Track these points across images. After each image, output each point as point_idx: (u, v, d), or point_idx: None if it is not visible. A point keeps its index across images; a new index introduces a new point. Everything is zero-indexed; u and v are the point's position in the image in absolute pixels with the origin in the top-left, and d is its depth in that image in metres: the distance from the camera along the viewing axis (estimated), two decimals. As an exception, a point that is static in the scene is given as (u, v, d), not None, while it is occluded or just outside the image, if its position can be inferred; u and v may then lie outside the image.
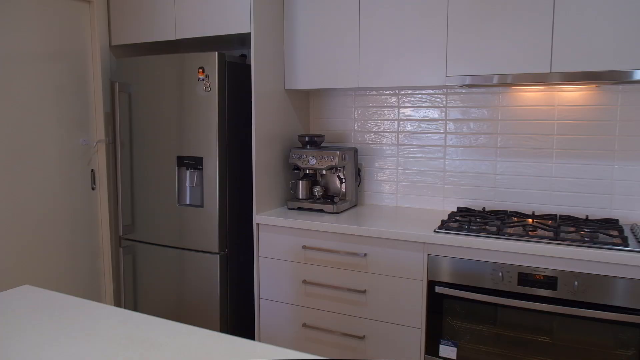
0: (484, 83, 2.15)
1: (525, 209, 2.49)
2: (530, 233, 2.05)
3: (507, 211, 2.46)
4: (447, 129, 2.63)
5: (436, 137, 2.66)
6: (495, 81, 2.11)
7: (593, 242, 1.90)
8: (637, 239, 1.97)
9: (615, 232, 2.09)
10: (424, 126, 2.68)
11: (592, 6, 2.00)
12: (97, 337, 1.15)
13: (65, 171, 2.71)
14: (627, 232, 2.09)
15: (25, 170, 2.50)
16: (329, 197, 2.71)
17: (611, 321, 1.85)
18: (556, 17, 2.07)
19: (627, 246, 1.85)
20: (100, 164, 2.88)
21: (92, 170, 2.86)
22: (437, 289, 2.11)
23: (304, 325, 2.43)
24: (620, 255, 1.80)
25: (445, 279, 2.12)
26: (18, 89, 2.45)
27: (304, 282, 2.42)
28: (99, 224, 2.91)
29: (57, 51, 2.62)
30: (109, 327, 1.21)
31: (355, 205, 2.77)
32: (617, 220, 2.25)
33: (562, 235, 2.02)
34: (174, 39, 2.65)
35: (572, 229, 2.08)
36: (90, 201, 2.86)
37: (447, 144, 2.63)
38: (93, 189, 2.87)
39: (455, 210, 2.62)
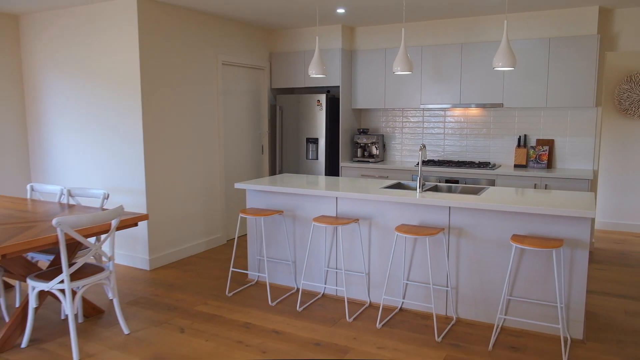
0: (436, 108, 5.46)
1: (455, 159, 5.78)
2: (452, 165, 5.35)
3: (446, 160, 5.76)
4: (424, 126, 5.94)
5: (418, 129, 5.96)
6: (439, 107, 5.43)
7: (472, 167, 5.20)
8: (488, 166, 5.25)
9: (483, 165, 5.35)
10: (413, 125, 5.99)
11: (475, 78, 5.30)
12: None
13: (251, 146, 6.11)
14: (488, 167, 5.37)
15: (235, 146, 5.92)
16: (371, 156, 6.05)
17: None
18: (462, 81, 5.36)
19: (485, 168, 5.13)
20: (265, 142, 6.27)
21: (262, 145, 6.25)
22: (415, 188, 5.43)
23: (361, 208, 5.80)
24: (480, 172, 5.09)
25: (418, 184, 5.43)
26: (234, 107, 5.87)
27: (361, 190, 5.76)
28: (264, 170, 6.31)
29: (249, 90, 6.03)
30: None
31: (383, 160, 6.10)
32: (489, 162, 5.53)
33: (462, 166, 5.31)
34: (304, 86, 6.03)
35: (468, 164, 5.37)
36: (261, 159, 6.26)
37: (424, 133, 5.94)
38: (262, 153, 6.27)
39: (425, 160, 5.93)
